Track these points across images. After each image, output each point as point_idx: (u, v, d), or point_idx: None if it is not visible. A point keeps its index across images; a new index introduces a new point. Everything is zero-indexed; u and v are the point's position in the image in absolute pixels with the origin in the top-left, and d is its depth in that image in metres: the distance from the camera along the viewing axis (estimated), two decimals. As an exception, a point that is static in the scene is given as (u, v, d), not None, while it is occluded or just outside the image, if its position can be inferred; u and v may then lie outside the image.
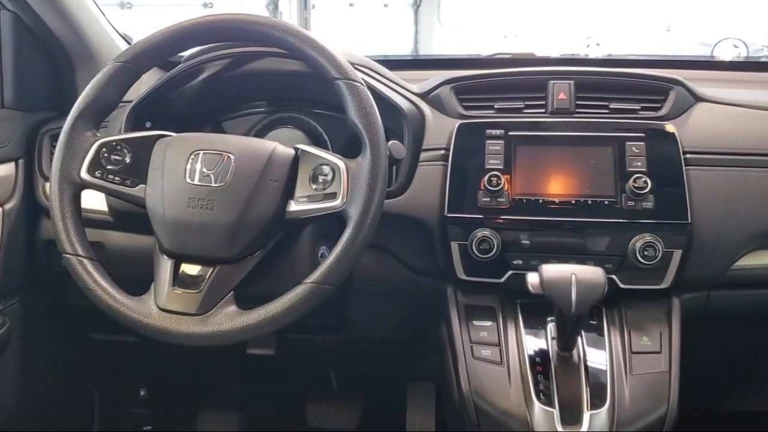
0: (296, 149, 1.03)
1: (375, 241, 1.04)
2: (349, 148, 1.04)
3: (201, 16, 1.07)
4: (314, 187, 1.00)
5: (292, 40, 1.02)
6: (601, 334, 1.10)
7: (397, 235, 1.18)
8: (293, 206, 1.00)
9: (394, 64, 1.62)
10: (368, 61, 1.27)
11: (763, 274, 1.14)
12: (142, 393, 1.78)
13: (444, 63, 1.72)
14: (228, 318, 0.97)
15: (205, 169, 1.00)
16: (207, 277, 0.99)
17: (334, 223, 1.01)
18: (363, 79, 1.03)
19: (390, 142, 1.07)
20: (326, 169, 0.99)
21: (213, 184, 0.99)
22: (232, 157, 1.00)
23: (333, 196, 0.98)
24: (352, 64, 1.08)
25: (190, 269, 1.00)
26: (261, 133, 1.32)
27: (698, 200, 1.10)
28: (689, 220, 1.08)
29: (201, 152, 1.01)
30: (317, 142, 1.30)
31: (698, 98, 1.20)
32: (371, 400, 1.81)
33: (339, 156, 1.00)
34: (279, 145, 1.03)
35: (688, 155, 1.12)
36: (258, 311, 0.96)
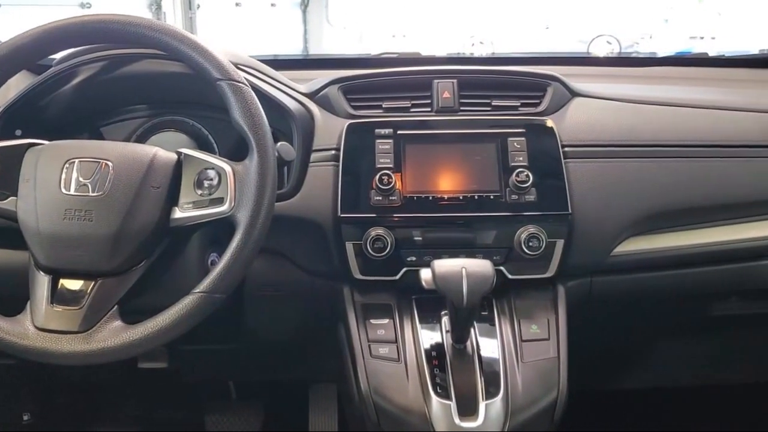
0: (179, 153, 1.00)
1: (267, 245, 1.02)
2: (238, 151, 1.02)
3: (72, 17, 1.01)
4: (199, 192, 0.97)
5: (169, 41, 0.99)
6: (493, 325, 1.13)
7: (290, 238, 1.17)
8: (178, 213, 0.97)
9: (281, 63, 1.60)
10: (253, 61, 1.24)
11: (640, 259, 1.21)
12: (25, 418, 1.67)
13: (332, 62, 1.72)
14: (113, 334, 0.92)
15: (81, 178, 0.95)
16: (88, 291, 0.94)
17: (223, 228, 0.99)
18: (247, 80, 1.01)
19: (278, 144, 1.05)
20: (211, 173, 0.97)
21: (91, 194, 0.94)
22: (110, 164, 0.95)
23: (220, 201, 0.95)
24: (236, 64, 1.05)
25: (70, 284, 0.95)
26: (142, 138, 1.27)
27: (577, 191, 1.15)
28: (569, 211, 1.13)
29: (76, 160, 0.96)
30: (203, 145, 1.26)
31: (574, 93, 1.26)
32: (273, 405, 1.79)
33: (225, 159, 0.98)
34: (160, 150, 0.99)
35: (566, 148, 1.17)
36: (145, 325, 0.92)
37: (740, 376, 1.64)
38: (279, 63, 1.56)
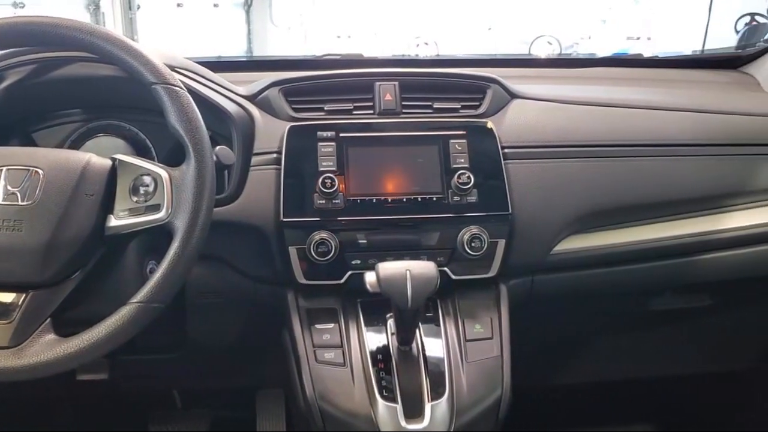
0: (113, 160, 0.97)
1: (208, 252, 1.01)
2: (177, 155, 1.00)
3: (1, 18, 0.98)
4: (135, 199, 0.94)
5: (101, 43, 0.96)
6: (438, 325, 1.14)
7: (231, 244, 1.15)
8: (113, 221, 0.94)
9: (221, 65, 1.58)
10: (190, 63, 1.22)
11: (578, 257, 1.23)
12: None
13: (273, 64, 1.70)
14: (46, 347, 0.89)
15: (9, 187, 0.91)
16: (19, 304, 0.90)
17: (161, 236, 0.96)
18: (184, 83, 0.99)
19: (217, 148, 1.03)
20: (147, 179, 0.94)
21: (20, 203, 0.90)
22: (40, 171, 0.92)
23: (156, 208, 0.93)
24: (172, 67, 1.03)
25: (0, 297, 0.91)
26: (77, 143, 1.23)
27: (517, 192, 1.17)
28: (510, 211, 1.15)
29: (4, 168, 0.92)
30: (142, 150, 1.23)
31: (513, 95, 1.27)
32: (219, 412, 1.76)
33: (161, 165, 0.95)
34: (94, 157, 0.96)
35: (506, 150, 1.19)
36: (80, 337, 0.89)
37: (680, 368, 1.69)
38: (219, 65, 1.55)
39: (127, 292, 0.91)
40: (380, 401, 1.04)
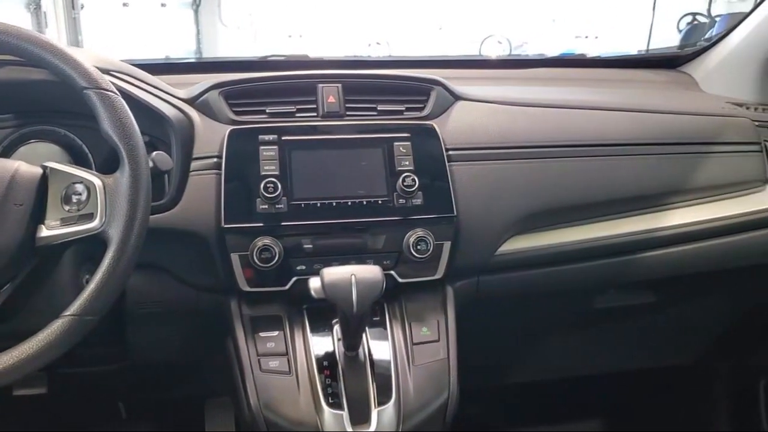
0: (44, 167, 0.93)
1: (146, 260, 0.98)
2: (115, 161, 0.97)
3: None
4: (67, 208, 0.91)
5: (29, 47, 0.92)
6: (385, 329, 1.13)
7: (171, 252, 1.12)
8: (44, 232, 0.90)
9: (163, 67, 1.54)
10: (127, 66, 1.18)
11: (523, 257, 1.24)
12: None
13: (216, 66, 1.67)
14: None
15: None
16: (-55, 320, 0.86)
17: (97, 246, 0.93)
18: (119, 87, 0.96)
19: (153, 153, 1.01)
20: (80, 187, 0.91)
21: None
22: None
23: (89, 217, 0.89)
24: (106, 70, 1.00)
25: (-76, 313, 0.87)
26: (8, 150, 1.17)
27: (462, 194, 1.17)
28: (455, 213, 1.15)
29: None
30: (77, 156, 1.19)
31: (457, 97, 1.27)
32: (167, 423, 1.72)
33: (94, 172, 0.92)
34: (23, 164, 0.92)
35: (450, 152, 1.19)
36: (9, 353, 0.85)
37: (626, 364, 1.72)
38: (159, 67, 1.51)
39: (62, 304, 0.88)
40: (326, 408, 1.03)
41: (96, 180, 0.91)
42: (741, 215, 1.35)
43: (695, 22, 5.79)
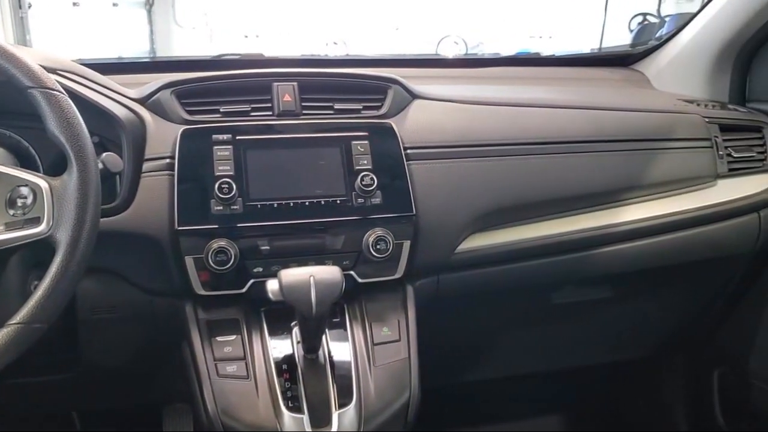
0: None
1: (97, 264, 0.95)
2: (64, 164, 0.93)
3: None
4: (12, 212, 0.88)
5: None
6: (345, 330, 1.12)
7: (123, 255, 1.09)
8: None
9: (115, 67, 1.50)
10: (75, 65, 1.14)
11: (481, 254, 1.24)
12: None
13: (169, 65, 1.63)
14: None
15: None
16: None
17: (45, 251, 0.90)
18: (66, 86, 0.93)
19: (103, 154, 0.98)
20: (25, 190, 0.88)
21: None
22: None
23: (36, 221, 0.86)
24: (54, 69, 0.97)
25: None
26: None
27: (421, 192, 1.16)
28: (414, 212, 1.14)
29: None
30: (24, 159, 1.14)
31: (415, 96, 1.27)
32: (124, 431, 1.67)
33: (40, 174, 0.89)
34: None
35: (408, 151, 1.18)
36: None
37: (585, 359, 1.74)
38: (110, 67, 1.47)
39: (9, 312, 0.84)
40: (286, 413, 1.01)
41: (42, 182, 0.87)
42: (694, 210, 1.38)
43: (646, 22, 5.92)
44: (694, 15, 1.62)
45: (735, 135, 1.45)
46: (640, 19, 6.20)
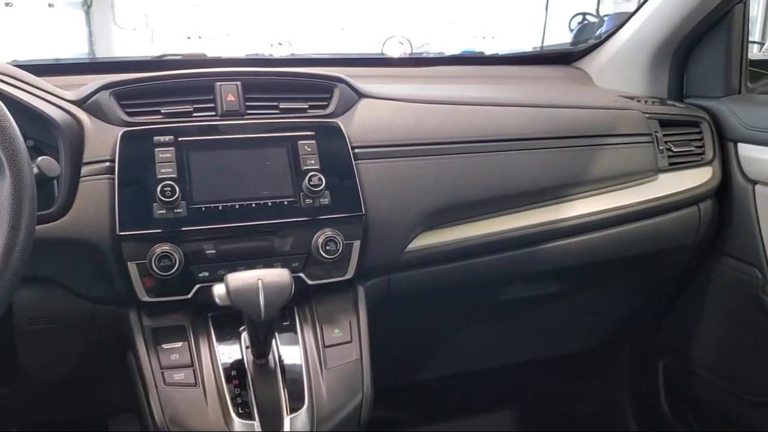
0: None
1: (34, 273, 0.91)
2: None
3: None
4: None
5: None
6: (295, 334, 1.11)
7: (62, 263, 1.05)
8: None
9: (51, 68, 1.45)
10: (8, 67, 1.10)
11: (431, 253, 1.24)
12: None
13: (108, 66, 1.58)
14: None
15: None
16: None
17: None
18: None
19: (39, 158, 0.94)
20: None
21: None
22: None
23: None
24: None
25: None
26: None
27: (369, 192, 1.15)
28: (363, 212, 1.13)
29: None
30: None
31: (361, 95, 1.26)
32: None
33: None
34: None
35: (356, 150, 1.17)
36: None
37: (535, 353, 1.76)
38: (46, 68, 1.42)
39: None
40: (236, 420, 0.99)
41: None
42: (636, 204, 1.41)
43: (585, 22, 6.06)
44: (632, 14, 1.66)
45: (674, 130, 1.49)
46: (579, 18, 6.35)
